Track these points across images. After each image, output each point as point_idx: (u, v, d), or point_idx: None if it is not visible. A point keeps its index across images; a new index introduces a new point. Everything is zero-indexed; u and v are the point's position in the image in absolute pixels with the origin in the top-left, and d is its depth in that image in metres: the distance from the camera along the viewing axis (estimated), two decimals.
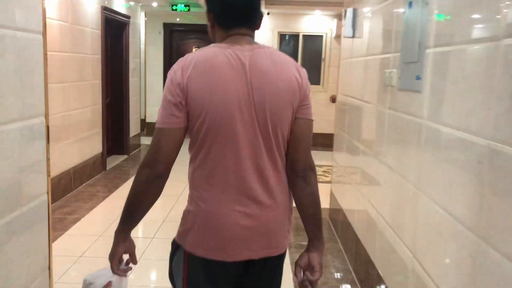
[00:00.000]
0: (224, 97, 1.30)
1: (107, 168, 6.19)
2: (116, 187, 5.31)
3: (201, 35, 9.20)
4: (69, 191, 4.96)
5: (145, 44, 9.09)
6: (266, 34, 8.35)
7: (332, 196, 4.40)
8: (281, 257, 1.48)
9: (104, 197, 4.90)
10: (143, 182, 1.33)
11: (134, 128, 7.47)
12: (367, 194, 3.01)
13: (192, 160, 1.39)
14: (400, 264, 2.25)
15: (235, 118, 1.31)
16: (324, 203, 4.89)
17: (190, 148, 1.39)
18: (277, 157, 1.38)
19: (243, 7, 1.37)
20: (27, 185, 1.61)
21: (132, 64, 7.20)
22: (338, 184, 4.18)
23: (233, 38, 1.38)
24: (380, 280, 2.58)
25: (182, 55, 1.41)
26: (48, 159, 1.79)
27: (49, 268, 1.81)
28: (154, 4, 7.85)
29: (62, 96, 4.75)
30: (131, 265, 1.51)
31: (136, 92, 7.54)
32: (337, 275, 3.25)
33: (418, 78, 2.09)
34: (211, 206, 1.36)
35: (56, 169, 4.66)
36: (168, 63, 9.19)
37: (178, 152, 1.35)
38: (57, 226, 3.97)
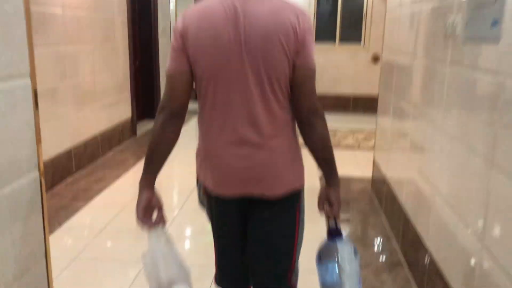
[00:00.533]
0: (216, 43, 1.35)
1: (138, 134, 5.99)
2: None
3: None
4: (97, 158, 4.78)
5: (175, 5, 8.70)
6: None
7: (375, 164, 4.00)
8: (290, 199, 1.51)
9: (133, 165, 4.69)
10: (160, 125, 1.42)
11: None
12: (418, 165, 2.60)
13: (198, 104, 1.47)
14: (462, 253, 1.87)
15: (228, 63, 1.36)
16: (366, 171, 4.50)
17: (196, 93, 1.47)
18: (271, 101, 1.40)
19: None
20: (8, 161, 1.32)
21: (161, 25, 6.86)
22: (382, 151, 3.77)
23: None
24: (434, 267, 2.22)
25: None
26: (37, 130, 1.49)
27: (46, 258, 1.55)
28: None
29: (88, 59, 4.50)
30: (161, 222, 1.50)
31: (166, 54, 7.24)
32: (382, 255, 2.89)
33: (494, 24, 1.64)
34: (209, 146, 1.47)
35: (83, 135, 4.46)
36: None
37: (189, 95, 1.44)
38: (81, 196, 3.78)
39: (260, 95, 1.39)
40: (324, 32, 7.94)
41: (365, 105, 8.07)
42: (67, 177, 4.15)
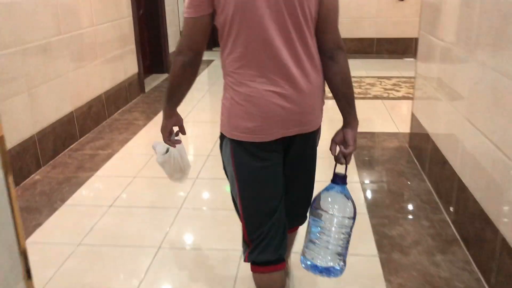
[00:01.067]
0: None
1: (146, 90, 5.54)
2: (156, 112, 4.63)
3: None
4: (103, 119, 4.37)
5: None
6: None
7: (413, 118, 3.52)
8: (316, 132, 1.53)
9: (142, 126, 4.27)
10: (180, 68, 1.45)
11: (173, 42, 6.67)
12: (482, 122, 2.13)
13: (223, 49, 1.43)
14: None
15: (262, 2, 1.31)
16: (401, 126, 4.03)
17: (220, 37, 1.42)
18: (307, 35, 1.39)
19: None
20: None
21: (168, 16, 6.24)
22: (424, 102, 3.28)
23: None
24: (507, 247, 1.81)
25: None
26: None
27: (27, 273, 1.18)
28: None
29: (84, 7, 3.98)
30: (180, 136, 1.74)
31: (172, 0, 6.63)
32: (432, 231, 2.49)
33: None
34: (245, 88, 1.40)
35: (85, 96, 4.04)
36: None
37: (208, 38, 1.42)
38: (87, 165, 3.41)
39: (295, 28, 1.36)
40: None
41: (390, 48, 7.45)
42: (70, 144, 3.77)
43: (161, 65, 6.34)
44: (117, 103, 4.72)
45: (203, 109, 4.85)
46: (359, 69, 6.55)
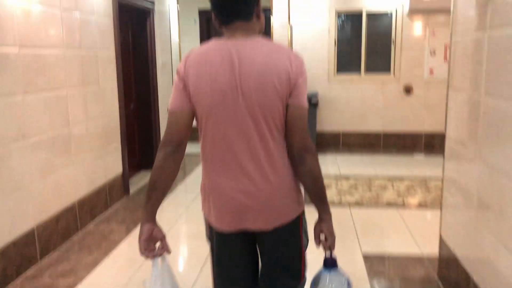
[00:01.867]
0: (214, 85, 1.49)
1: (131, 192, 4.96)
2: (138, 221, 3.97)
3: None
4: (73, 233, 3.74)
5: (178, 36, 7.82)
6: (321, 14, 6.84)
7: (442, 242, 2.89)
8: (288, 228, 1.62)
9: (118, 242, 3.64)
10: (162, 159, 1.53)
11: None
12: None
13: (199, 139, 1.60)
14: None
15: (225, 104, 1.49)
16: (425, 245, 3.38)
17: (198, 131, 1.60)
18: (268, 139, 1.52)
19: (229, 4, 1.55)
20: None
21: (160, 60, 5.94)
22: (458, 216, 2.67)
23: (229, 31, 1.57)
24: None
25: None
26: None
27: None
28: None
29: (57, 107, 3.52)
30: (164, 252, 1.58)
31: (167, 91, 6.27)
32: None
33: None
34: (211, 181, 1.58)
35: (52, 207, 3.44)
36: None
37: (189, 131, 1.56)
38: None
39: (257, 133, 1.51)
40: (347, 62, 6.95)
41: (398, 143, 6.99)
42: (26, 268, 3.12)
43: (151, 160, 5.81)
44: (94, 211, 4.12)
45: (191, 219, 4.22)
46: (367, 166, 6.03)
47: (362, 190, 4.88)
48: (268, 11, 7.60)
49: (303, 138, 1.54)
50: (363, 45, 6.90)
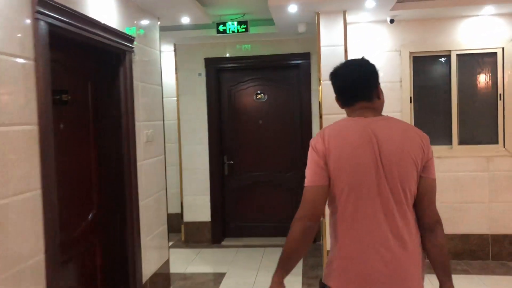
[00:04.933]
0: (357, 161, 1.62)
1: None
2: None
3: (266, 73, 5.56)
4: None
5: (177, 93, 5.54)
6: (388, 56, 4.58)
7: None
8: None
9: None
10: (301, 232, 1.63)
11: (154, 255, 3.75)
12: None
13: (332, 213, 1.69)
14: None
15: (367, 178, 1.61)
16: None
17: (330, 203, 1.70)
18: (406, 211, 1.63)
19: (355, 86, 1.72)
20: None
21: (144, 132, 3.60)
22: None
23: (357, 112, 1.72)
24: None
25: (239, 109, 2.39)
26: None
27: None
28: (185, 20, 4.28)
29: None
30: None
31: (158, 180, 3.87)
32: None
33: None
34: (349, 253, 1.63)
35: None
36: (217, 122, 5.56)
37: (325, 205, 1.67)
38: None
39: (398, 207, 1.61)
40: (430, 127, 4.61)
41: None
42: None
43: None
44: None
45: None
46: (471, 283, 3.52)
47: None
48: (307, 56, 5.38)
49: (434, 209, 1.67)
50: (453, 101, 4.57)
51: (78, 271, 2.90)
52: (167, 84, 5.81)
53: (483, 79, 4.58)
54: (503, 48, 4.47)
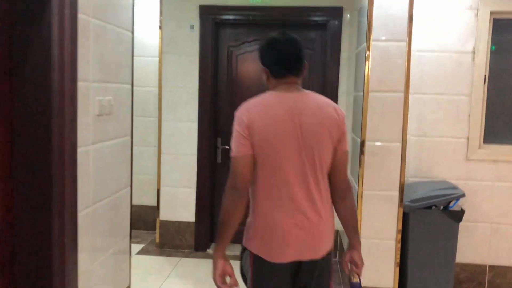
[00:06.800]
0: (277, 131, 1.75)
1: None
2: None
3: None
4: None
5: (160, 52, 4.15)
6: (458, 16, 3.26)
7: None
8: (328, 256, 1.87)
9: None
10: (231, 203, 1.76)
11: (105, 285, 2.45)
12: None
13: (253, 181, 1.80)
14: None
15: (286, 148, 1.75)
16: None
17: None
18: (320, 179, 1.80)
19: (290, 60, 1.83)
20: None
21: (97, 99, 2.24)
22: None
23: (285, 86, 1.83)
24: None
25: (242, 78, 2.30)
26: None
27: None
28: None
29: None
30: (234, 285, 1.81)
31: (117, 174, 2.53)
32: None
33: None
34: (267, 218, 1.78)
35: None
36: (212, 94, 4.20)
37: (252, 174, 1.78)
38: None
39: (312, 174, 1.77)
40: (507, 121, 3.33)
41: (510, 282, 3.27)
42: None
43: None
44: None
45: None
46: None
47: None
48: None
49: (345, 177, 1.87)
50: None
51: None
52: (147, 38, 4.39)
53: None
54: None
